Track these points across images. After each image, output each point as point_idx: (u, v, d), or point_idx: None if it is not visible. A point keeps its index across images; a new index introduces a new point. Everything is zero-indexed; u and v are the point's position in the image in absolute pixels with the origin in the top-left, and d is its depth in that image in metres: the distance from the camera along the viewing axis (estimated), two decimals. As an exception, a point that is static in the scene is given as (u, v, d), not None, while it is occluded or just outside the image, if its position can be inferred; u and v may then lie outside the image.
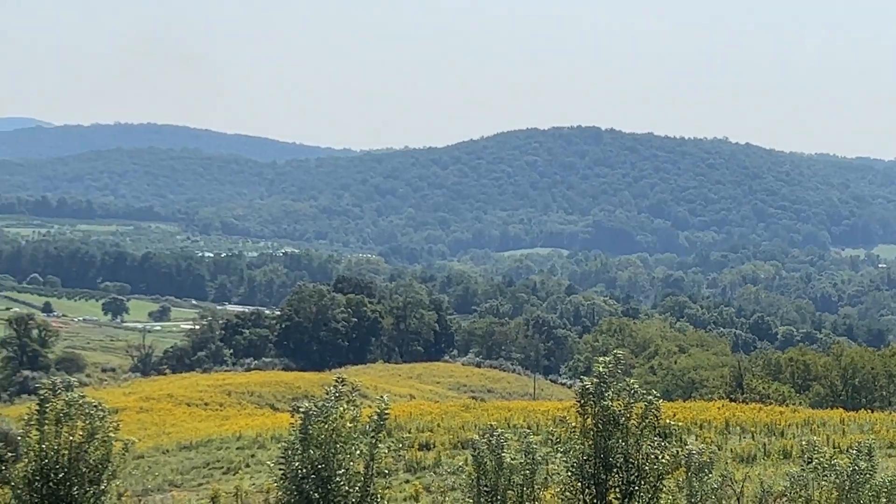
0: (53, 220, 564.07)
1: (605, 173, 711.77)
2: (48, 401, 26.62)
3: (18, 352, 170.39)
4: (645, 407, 26.36)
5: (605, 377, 26.31)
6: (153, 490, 59.18)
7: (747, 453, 61.92)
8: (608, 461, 26.09)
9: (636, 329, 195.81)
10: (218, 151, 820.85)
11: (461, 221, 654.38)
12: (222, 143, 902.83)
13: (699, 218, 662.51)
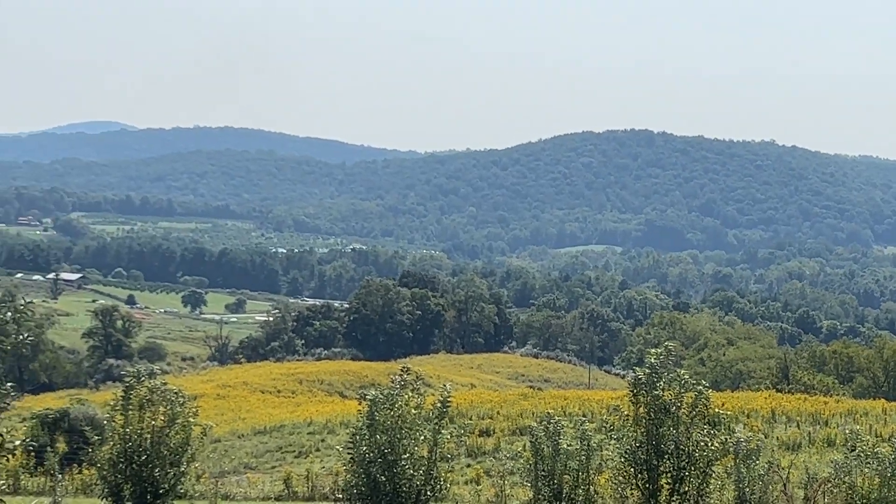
0: (137, 217, 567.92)
1: (656, 174, 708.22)
2: (132, 388, 26.83)
3: (104, 341, 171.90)
4: (695, 396, 26.24)
5: (656, 368, 26.20)
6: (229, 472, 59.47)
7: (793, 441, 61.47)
8: (660, 448, 25.98)
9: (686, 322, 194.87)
10: (291, 153, 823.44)
11: (520, 220, 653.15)
12: (295, 145, 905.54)
13: (747, 217, 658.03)
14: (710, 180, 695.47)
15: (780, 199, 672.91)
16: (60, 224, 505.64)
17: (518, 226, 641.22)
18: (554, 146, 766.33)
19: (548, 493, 27.71)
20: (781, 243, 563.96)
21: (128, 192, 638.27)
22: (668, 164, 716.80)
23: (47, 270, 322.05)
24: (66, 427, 54.73)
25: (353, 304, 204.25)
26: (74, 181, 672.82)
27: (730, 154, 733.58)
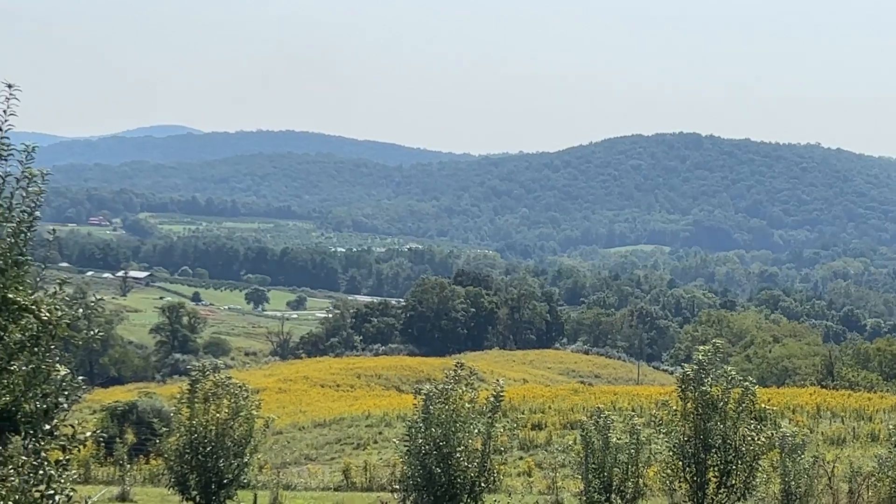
0: (202, 218, 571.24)
1: (704, 176, 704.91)
2: (198, 381, 26.99)
3: (170, 337, 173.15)
4: (742, 392, 26.09)
5: (704, 364, 26.07)
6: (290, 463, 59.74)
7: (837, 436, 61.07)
8: (707, 442, 25.86)
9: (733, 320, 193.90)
10: (350, 156, 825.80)
11: (571, 220, 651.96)
12: (354, 148, 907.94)
13: (792, 217, 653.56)
14: (757, 182, 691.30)
15: (825, 200, 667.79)
16: (129, 224, 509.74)
17: (569, 226, 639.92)
18: (604, 149, 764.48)
19: (598, 485, 27.66)
20: (826, 243, 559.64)
21: (193, 193, 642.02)
22: (715, 167, 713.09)
23: (117, 268, 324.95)
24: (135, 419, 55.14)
25: (409, 302, 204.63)
26: (143, 183, 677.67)
27: (776, 156, 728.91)
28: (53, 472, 10.41)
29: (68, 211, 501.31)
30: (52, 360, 10.70)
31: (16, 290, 10.37)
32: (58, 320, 10.65)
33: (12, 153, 10.80)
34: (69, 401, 10.92)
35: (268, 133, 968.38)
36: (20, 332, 10.43)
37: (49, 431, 10.69)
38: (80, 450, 14.03)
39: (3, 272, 10.33)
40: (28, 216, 10.81)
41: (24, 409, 10.46)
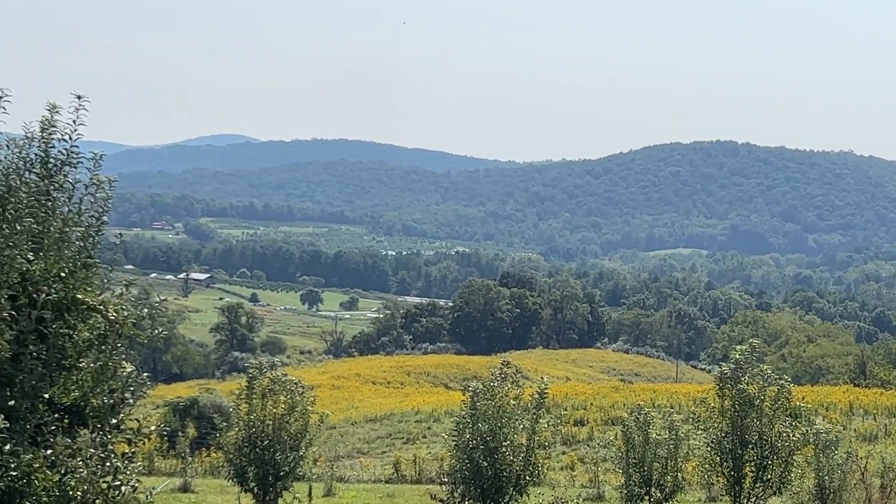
0: (259, 222, 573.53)
1: (740, 182, 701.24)
2: (255, 378, 27.09)
3: (229, 335, 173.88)
4: (777, 390, 25.97)
5: (741, 363, 25.96)
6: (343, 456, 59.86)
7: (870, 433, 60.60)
8: (744, 438, 25.74)
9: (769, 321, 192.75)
10: (400, 163, 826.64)
11: (612, 225, 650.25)
12: (404, 156, 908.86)
13: (826, 222, 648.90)
14: (792, 188, 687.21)
15: (858, 205, 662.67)
16: (190, 228, 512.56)
17: (610, 230, 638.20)
18: (644, 156, 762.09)
19: (638, 479, 27.58)
20: (859, 247, 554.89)
21: (251, 199, 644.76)
22: (751, 173, 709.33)
23: (179, 270, 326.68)
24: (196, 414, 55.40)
25: (456, 303, 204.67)
26: (203, 189, 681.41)
27: (810, 163, 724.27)
28: (120, 463, 10.47)
29: (133, 216, 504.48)
30: (118, 358, 10.77)
31: (85, 291, 10.44)
32: (124, 320, 10.71)
33: (81, 161, 10.89)
34: (135, 396, 10.99)
35: (322, 141, 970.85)
36: (89, 331, 10.50)
37: (116, 425, 10.76)
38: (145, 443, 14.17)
39: (73, 274, 10.41)
40: (96, 221, 10.89)
41: (92, 404, 10.53)
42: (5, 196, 10.30)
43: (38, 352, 9.95)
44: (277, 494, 27.31)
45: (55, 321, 10.07)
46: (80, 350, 10.40)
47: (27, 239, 10.13)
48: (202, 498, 33.93)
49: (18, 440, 9.39)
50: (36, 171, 10.69)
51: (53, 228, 10.55)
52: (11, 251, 9.81)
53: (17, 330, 9.74)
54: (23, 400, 9.75)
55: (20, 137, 10.81)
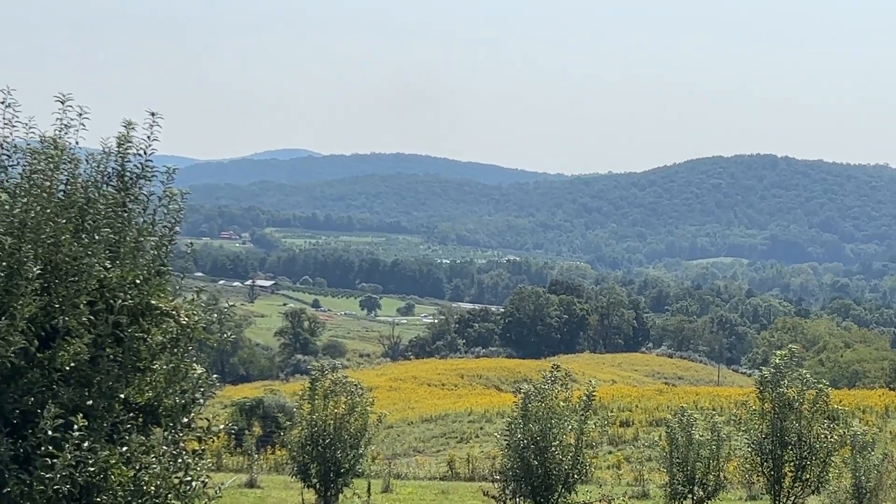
0: (321, 232, 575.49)
1: (780, 194, 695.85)
2: (318, 380, 27.19)
3: (293, 339, 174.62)
4: (816, 394, 25.76)
5: (781, 368, 25.77)
6: (400, 454, 59.93)
7: (905, 435, 59.96)
8: (783, 440, 25.54)
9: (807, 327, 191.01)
10: (454, 176, 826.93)
11: (656, 235, 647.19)
12: (457, 169, 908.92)
13: (863, 232, 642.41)
14: (829, 200, 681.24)
15: (894, 216, 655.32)
16: (256, 238, 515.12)
17: (654, 240, 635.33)
18: (687, 169, 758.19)
19: (682, 478, 27.42)
20: (894, 256, 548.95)
21: (313, 210, 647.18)
22: (790, 185, 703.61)
23: (245, 278, 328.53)
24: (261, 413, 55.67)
25: (507, 309, 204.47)
26: (268, 201, 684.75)
27: (846, 176, 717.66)
28: (190, 460, 10.54)
29: (202, 226, 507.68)
30: (189, 360, 10.84)
31: (158, 297, 10.52)
32: (195, 324, 10.79)
33: (155, 174, 10.98)
34: (204, 397, 11.06)
35: (380, 155, 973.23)
36: (161, 335, 10.58)
37: (187, 424, 10.83)
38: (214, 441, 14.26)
39: (147, 281, 10.49)
40: (169, 231, 10.97)
41: (164, 403, 10.61)
42: (85, 208, 10.41)
43: (115, 354, 10.03)
44: (338, 490, 27.39)
45: (130, 325, 10.15)
46: (153, 353, 10.48)
47: (105, 248, 10.22)
48: (267, 493, 34.08)
49: (96, 438, 9.47)
50: (113, 184, 10.79)
51: (129, 238, 10.64)
52: (90, 259, 9.90)
53: (95, 334, 9.83)
54: (100, 400, 9.84)
55: (98, 152, 10.92)
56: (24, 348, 9.29)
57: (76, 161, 10.65)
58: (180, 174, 11.33)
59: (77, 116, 10.72)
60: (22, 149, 10.56)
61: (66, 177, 10.50)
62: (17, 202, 9.85)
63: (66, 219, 10.11)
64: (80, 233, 10.17)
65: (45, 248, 9.83)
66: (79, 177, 10.63)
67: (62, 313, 9.71)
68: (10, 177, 10.50)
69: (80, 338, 9.68)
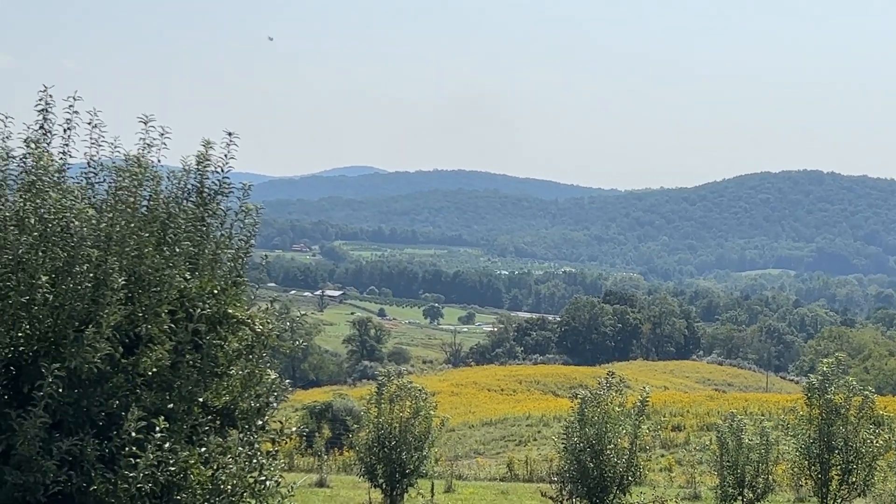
0: (386, 245, 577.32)
1: (826, 208, 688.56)
2: (384, 385, 27.23)
3: (360, 346, 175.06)
4: (862, 400, 25.44)
5: (828, 375, 25.49)
6: (462, 456, 59.83)
7: (949, 441, 58.81)
8: (831, 444, 25.24)
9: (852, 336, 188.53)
10: (512, 192, 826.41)
11: (706, 247, 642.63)
12: (516, 184, 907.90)
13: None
14: (874, 214, 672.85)
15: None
16: (326, 250, 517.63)
17: (704, 252, 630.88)
18: (736, 185, 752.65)
19: (732, 480, 27.16)
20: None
21: (379, 224, 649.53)
22: (836, 200, 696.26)
23: (315, 288, 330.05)
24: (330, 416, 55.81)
25: (564, 318, 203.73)
26: (337, 215, 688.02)
27: (891, 191, 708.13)
28: (265, 461, 10.59)
29: (275, 239, 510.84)
30: (263, 366, 10.90)
31: (234, 307, 10.59)
32: (269, 332, 10.84)
33: (232, 190, 11.06)
34: (277, 400, 11.11)
35: (442, 172, 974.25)
36: (238, 342, 10.65)
37: (261, 426, 10.89)
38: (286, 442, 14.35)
39: (225, 291, 10.56)
40: (245, 244, 11.05)
41: (240, 407, 10.67)
42: (166, 222, 10.50)
43: (194, 360, 10.11)
44: (403, 490, 27.41)
45: (209, 333, 10.22)
46: (230, 359, 10.54)
47: (185, 260, 10.31)
48: (336, 492, 34.16)
49: (176, 439, 9.54)
50: (192, 200, 10.88)
51: (207, 251, 10.72)
52: (171, 271, 9.99)
53: (176, 341, 9.91)
54: (180, 403, 9.91)
55: (179, 170, 11.02)
56: (109, 354, 9.38)
57: (158, 178, 10.76)
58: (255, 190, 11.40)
59: (159, 136, 10.84)
60: (108, 167, 10.68)
61: (149, 193, 10.61)
62: (103, 217, 9.96)
63: (148, 232, 10.21)
64: (162, 246, 10.26)
65: (130, 260, 9.93)
66: (161, 193, 10.73)
67: (145, 321, 9.80)
68: (97, 193, 10.63)
69: (162, 345, 9.76)
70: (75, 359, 9.11)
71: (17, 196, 10.06)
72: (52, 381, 8.91)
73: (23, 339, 9.37)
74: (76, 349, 9.15)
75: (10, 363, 9.37)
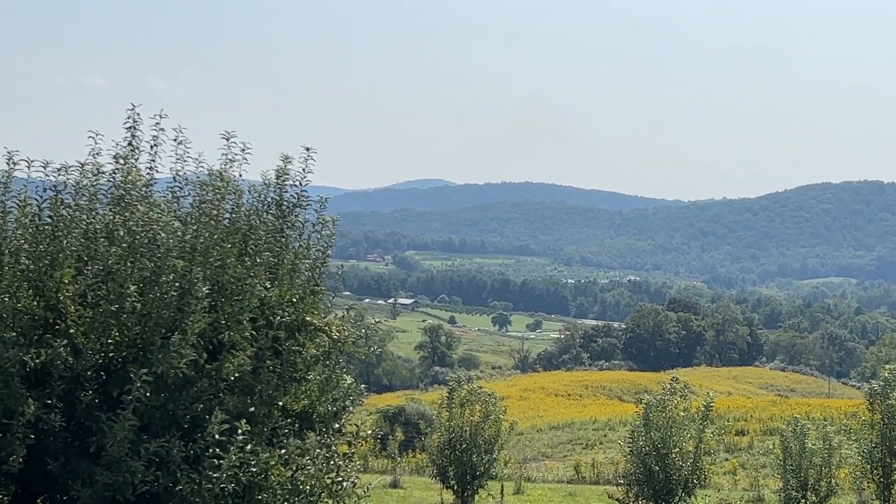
0: (456, 255, 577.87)
1: (886, 218, 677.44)
2: (455, 390, 27.26)
3: (431, 352, 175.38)
4: (923, 405, 25.01)
5: (889, 381, 25.07)
6: (530, 459, 59.65)
7: None
8: (892, 449, 24.82)
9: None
10: (578, 203, 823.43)
11: (768, 256, 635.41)
12: (581, 196, 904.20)
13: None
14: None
15: None
16: (398, 260, 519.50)
17: (767, 261, 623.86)
18: (797, 195, 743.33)
19: (795, 484, 26.80)
20: None
21: (449, 234, 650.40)
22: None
23: (388, 296, 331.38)
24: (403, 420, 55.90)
25: (629, 325, 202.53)
26: (409, 226, 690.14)
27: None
28: (341, 462, 10.64)
29: (350, 249, 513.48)
30: (340, 371, 10.96)
31: (312, 314, 10.67)
32: (345, 339, 10.91)
33: (309, 203, 11.14)
34: (353, 404, 11.17)
35: (510, 184, 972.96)
36: (315, 349, 10.72)
37: (338, 429, 10.95)
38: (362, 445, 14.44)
39: (303, 299, 10.65)
40: (322, 254, 11.13)
41: (318, 410, 10.74)
42: (247, 234, 10.61)
43: (274, 366, 10.19)
44: (474, 491, 27.39)
45: (288, 340, 10.30)
46: (308, 364, 10.62)
47: (265, 270, 10.40)
48: (409, 493, 34.21)
49: (257, 441, 9.62)
50: (272, 213, 10.98)
51: (286, 261, 10.81)
52: (252, 280, 10.09)
53: (257, 347, 10.00)
54: (261, 407, 10.00)
55: (259, 184, 11.14)
56: (194, 360, 9.49)
57: (240, 192, 10.88)
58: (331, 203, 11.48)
59: (240, 151, 10.97)
60: (192, 181, 10.82)
61: (231, 206, 10.73)
62: (188, 229, 10.08)
63: (231, 244, 10.31)
64: (244, 256, 10.37)
65: (213, 270, 10.04)
66: (242, 206, 10.85)
67: (228, 329, 9.90)
68: (182, 206, 10.77)
69: (244, 351, 9.85)
70: (162, 364, 9.23)
71: (108, 209, 10.23)
72: (140, 385, 9.03)
73: (112, 345, 9.52)
74: (163, 355, 9.27)
75: (101, 368, 9.51)
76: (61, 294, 9.40)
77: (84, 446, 9.13)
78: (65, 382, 9.19)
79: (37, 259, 9.61)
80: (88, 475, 9.02)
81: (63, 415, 9.10)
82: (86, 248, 9.89)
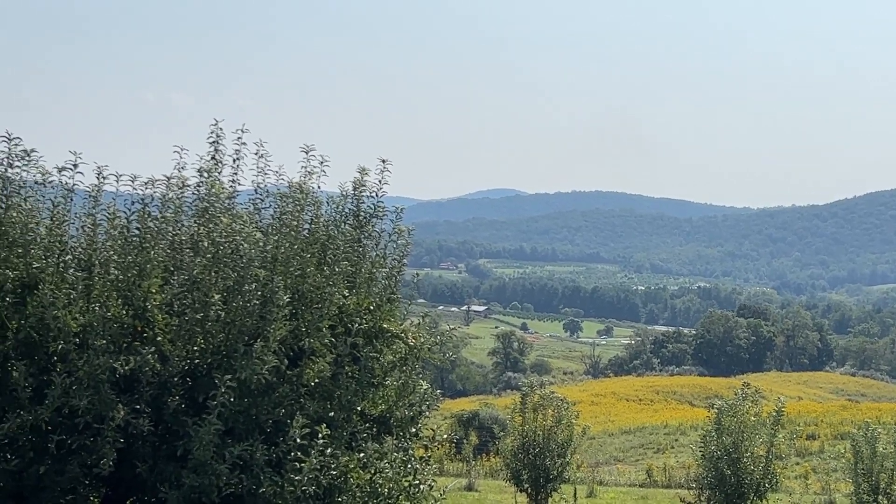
0: (528, 263, 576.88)
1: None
2: (527, 394, 27.20)
3: (504, 358, 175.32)
4: None
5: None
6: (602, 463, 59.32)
7: None
8: (964, 452, 24.34)
9: None
10: (647, 211, 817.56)
11: (838, 262, 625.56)
12: (651, 204, 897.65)
13: None
14: None
15: None
16: (471, 268, 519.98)
17: (836, 267, 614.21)
18: (866, 201, 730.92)
19: (866, 487, 26.31)
20: None
21: (521, 243, 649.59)
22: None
23: (461, 303, 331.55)
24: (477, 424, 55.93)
25: (699, 331, 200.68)
26: (481, 235, 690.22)
27: None
28: (418, 466, 10.66)
29: (424, 258, 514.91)
30: (416, 377, 10.99)
31: (389, 322, 10.72)
32: (421, 345, 10.94)
33: (386, 213, 11.20)
34: (429, 409, 11.19)
35: (580, 193, 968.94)
36: (392, 355, 10.77)
37: (414, 433, 10.97)
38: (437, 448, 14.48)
39: (380, 307, 10.70)
40: (398, 263, 11.17)
41: (395, 415, 10.77)
42: (326, 244, 10.69)
43: (353, 372, 10.25)
44: (548, 494, 27.29)
45: (366, 346, 10.35)
46: (385, 370, 10.66)
47: (343, 279, 10.46)
48: (484, 496, 34.18)
49: (337, 445, 9.67)
50: (349, 223, 11.05)
51: (364, 270, 10.87)
52: (331, 289, 10.16)
53: (336, 354, 10.06)
54: (340, 412, 10.05)
55: (337, 195, 11.21)
56: (276, 366, 9.58)
57: (318, 203, 10.96)
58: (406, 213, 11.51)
59: (319, 164, 11.05)
60: (273, 193, 10.93)
61: (311, 217, 10.81)
62: (269, 240, 10.18)
63: (310, 253, 10.40)
64: (323, 266, 10.44)
65: (293, 279, 10.13)
66: (321, 217, 10.93)
67: (308, 336, 9.97)
68: (264, 218, 10.88)
69: (323, 357, 9.92)
70: (245, 371, 9.32)
71: (192, 221, 10.37)
72: (225, 391, 9.13)
73: (198, 352, 9.64)
74: (246, 362, 9.36)
75: (187, 375, 9.63)
76: (149, 303, 9.53)
77: (171, 450, 9.24)
78: (152, 388, 9.32)
79: (125, 269, 9.76)
80: (175, 478, 9.13)
81: (151, 419, 9.22)
82: (172, 258, 10.04)
